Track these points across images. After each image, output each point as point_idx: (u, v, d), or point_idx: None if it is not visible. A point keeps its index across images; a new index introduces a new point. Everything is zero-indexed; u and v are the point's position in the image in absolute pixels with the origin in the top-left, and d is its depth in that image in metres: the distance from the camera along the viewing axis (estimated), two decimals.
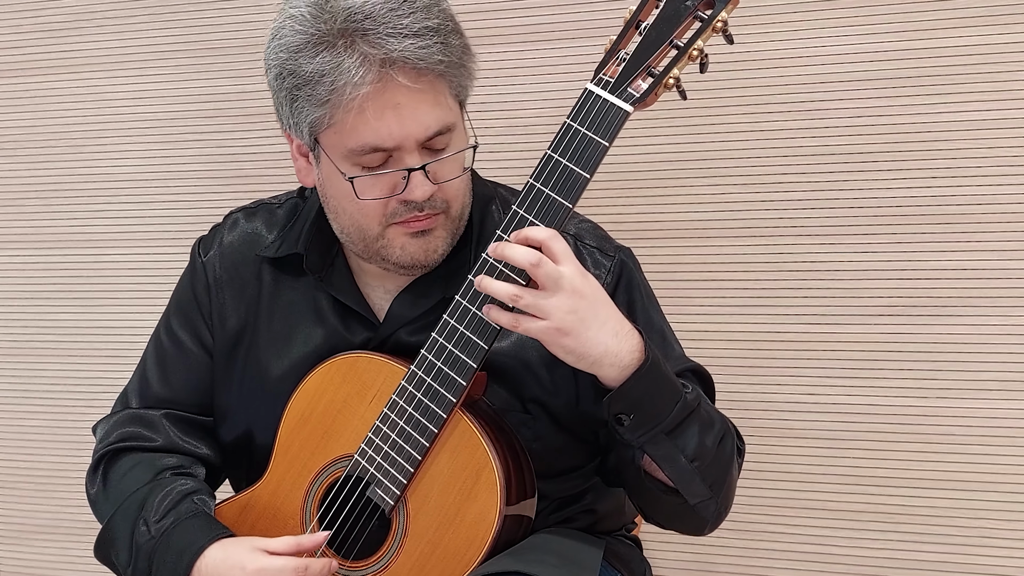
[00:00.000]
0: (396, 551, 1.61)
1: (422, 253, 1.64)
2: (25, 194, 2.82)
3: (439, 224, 1.64)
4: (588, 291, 1.49)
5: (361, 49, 1.53)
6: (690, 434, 1.57)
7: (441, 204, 1.62)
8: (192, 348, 1.82)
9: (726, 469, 1.64)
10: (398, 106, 1.55)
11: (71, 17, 2.73)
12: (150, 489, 1.71)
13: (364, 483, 1.61)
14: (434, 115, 1.57)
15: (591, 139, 1.50)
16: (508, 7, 2.43)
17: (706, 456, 1.58)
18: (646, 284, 1.79)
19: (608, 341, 1.50)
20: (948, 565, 2.29)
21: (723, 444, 1.62)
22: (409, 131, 1.56)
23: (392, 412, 1.59)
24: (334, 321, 1.75)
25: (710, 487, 1.61)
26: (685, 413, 1.55)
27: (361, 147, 1.57)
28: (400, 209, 1.61)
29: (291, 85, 1.58)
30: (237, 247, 1.83)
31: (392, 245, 1.64)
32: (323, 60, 1.54)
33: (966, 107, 2.18)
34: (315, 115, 1.58)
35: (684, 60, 1.50)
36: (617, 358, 1.51)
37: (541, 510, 1.71)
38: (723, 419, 1.66)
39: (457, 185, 1.63)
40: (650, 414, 1.54)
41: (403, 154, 1.58)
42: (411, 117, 1.56)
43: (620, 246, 1.78)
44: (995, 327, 2.21)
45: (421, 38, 1.53)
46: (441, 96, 1.58)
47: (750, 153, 2.30)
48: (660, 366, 1.54)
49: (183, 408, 1.82)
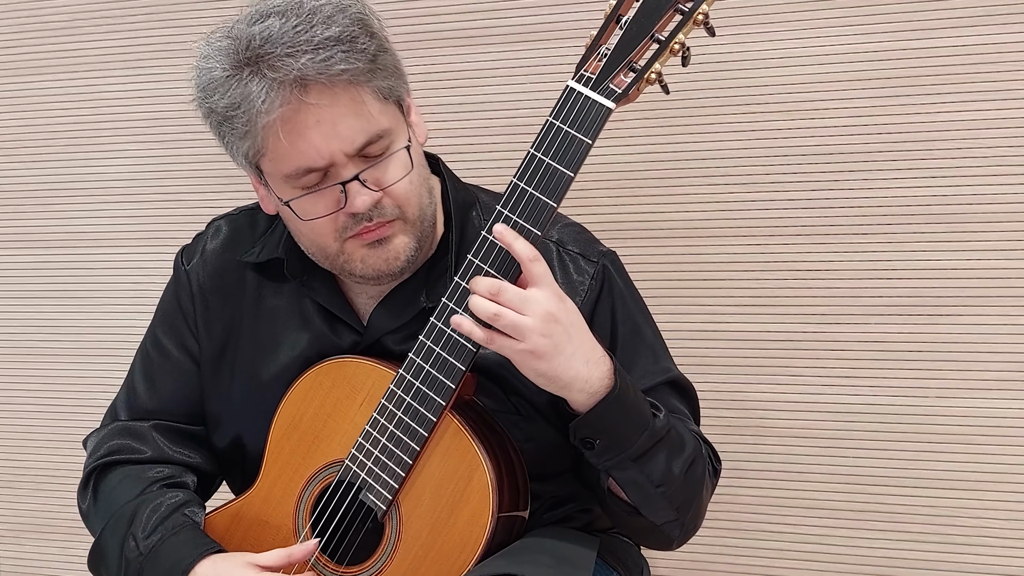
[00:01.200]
0: (390, 555, 1.61)
1: (383, 263, 1.63)
2: (20, 193, 2.82)
3: (397, 231, 1.62)
4: (563, 316, 1.49)
5: (265, 75, 1.52)
6: (657, 460, 1.57)
7: (393, 210, 1.61)
8: (179, 357, 1.82)
9: (694, 493, 1.65)
10: (319, 123, 1.54)
11: (65, 16, 2.73)
12: (138, 503, 1.71)
13: (356, 488, 1.61)
14: (357, 126, 1.56)
15: (574, 137, 1.49)
16: (503, 7, 2.42)
17: (672, 482, 1.59)
18: (632, 289, 1.78)
19: (579, 367, 1.50)
20: (949, 565, 2.28)
21: (692, 468, 1.62)
22: (334, 147, 1.55)
23: (382, 416, 1.58)
24: (320, 324, 1.75)
25: (676, 509, 1.63)
26: (653, 441, 1.56)
27: (294, 171, 1.57)
28: (349, 223, 1.60)
29: (215, 123, 1.60)
30: (220, 254, 1.82)
31: (353, 259, 1.63)
32: (233, 93, 1.54)
33: (963, 107, 2.16)
34: (243, 147, 1.59)
35: (666, 54, 1.48)
36: (587, 384, 1.52)
37: (535, 510, 1.71)
38: (696, 442, 1.66)
39: (404, 188, 1.61)
40: (617, 440, 1.55)
41: (338, 169, 1.57)
42: (333, 133, 1.55)
43: (604, 251, 1.77)
44: (995, 327, 2.20)
45: (320, 51, 1.51)
46: (362, 105, 1.56)
47: (746, 153, 2.30)
48: (629, 394, 1.55)
49: (172, 418, 1.82)
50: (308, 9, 1.53)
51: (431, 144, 1.82)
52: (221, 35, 1.58)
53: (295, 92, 1.52)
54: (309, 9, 1.53)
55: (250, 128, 1.55)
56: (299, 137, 1.54)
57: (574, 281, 1.71)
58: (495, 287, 1.47)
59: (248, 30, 1.53)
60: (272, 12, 1.54)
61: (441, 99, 2.47)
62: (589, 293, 1.71)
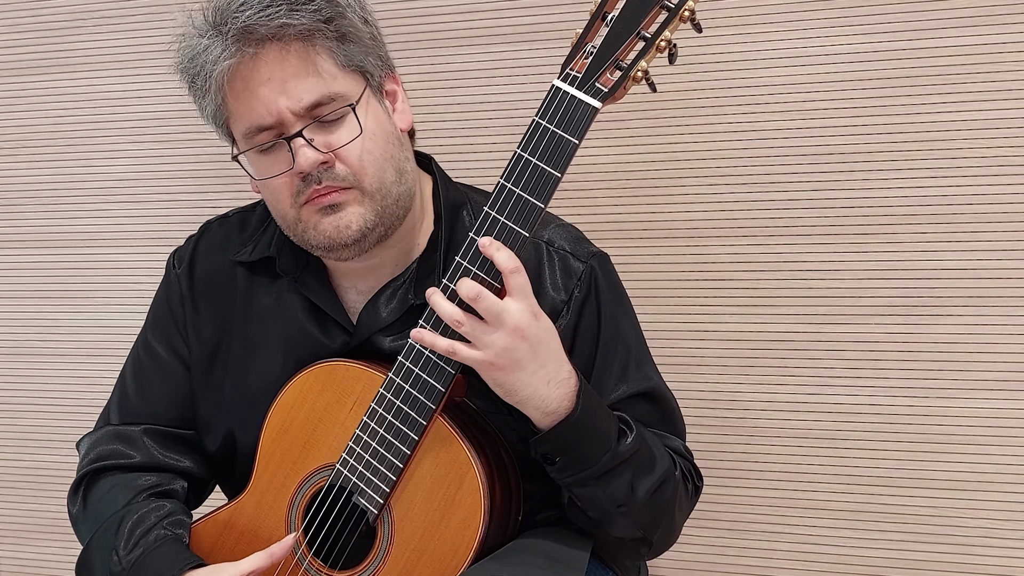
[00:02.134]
0: (382, 559, 1.61)
1: (333, 230, 1.62)
2: (20, 193, 2.82)
3: (351, 199, 1.62)
4: (532, 333, 1.49)
5: (219, 31, 1.58)
6: (620, 481, 1.58)
7: (347, 176, 1.61)
8: (169, 361, 1.82)
9: (661, 514, 1.65)
10: (269, 81, 1.57)
11: (65, 16, 2.73)
12: (124, 515, 1.71)
13: (348, 492, 1.61)
14: (305, 85, 1.58)
15: (561, 137, 1.48)
16: (502, 7, 2.42)
17: (634, 503, 1.60)
18: (620, 292, 1.78)
19: (538, 385, 1.51)
20: (949, 565, 2.27)
21: (660, 491, 1.62)
22: (281, 104, 1.58)
23: (372, 420, 1.58)
24: (310, 325, 1.75)
25: (641, 528, 1.64)
26: (616, 462, 1.57)
27: (248, 129, 1.61)
28: (302, 186, 1.61)
29: (188, 86, 1.66)
30: (210, 256, 1.83)
31: (308, 227, 1.63)
32: (193, 49, 1.61)
33: (963, 107, 2.16)
34: (209, 108, 1.65)
35: (652, 52, 1.46)
36: (543, 403, 1.53)
37: (528, 510, 1.71)
38: (671, 463, 1.66)
39: (356, 153, 1.61)
40: (577, 459, 1.56)
41: (287, 128, 1.60)
42: (281, 90, 1.57)
43: (594, 252, 1.76)
44: (995, 327, 2.19)
45: (268, 7, 1.56)
46: (313, 66, 1.58)
47: (746, 153, 2.29)
48: (591, 417, 1.55)
49: (163, 422, 1.82)
50: None
51: (428, 143, 1.82)
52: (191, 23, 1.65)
53: (247, 46, 1.57)
54: None
55: (209, 84, 1.60)
56: (251, 94, 1.58)
57: (559, 282, 1.71)
58: (474, 292, 1.47)
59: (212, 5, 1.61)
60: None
61: (440, 99, 2.47)
62: (576, 293, 1.70)
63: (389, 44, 1.74)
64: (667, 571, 2.46)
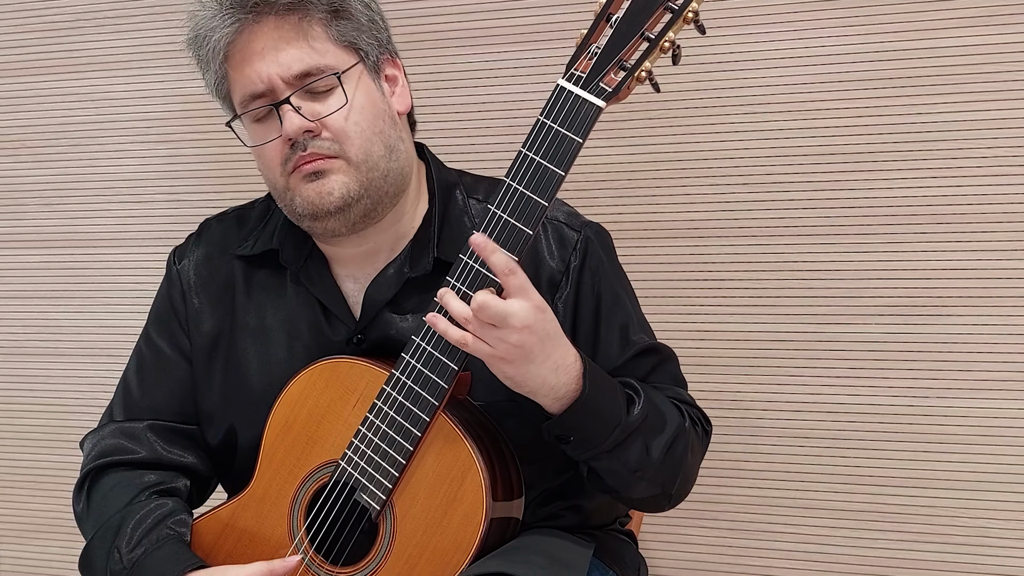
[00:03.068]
0: (384, 555, 1.60)
1: (316, 196, 1.64)
2: (23, 193, 2.83)
3: (335, 167, 1.64)
4: (539, 327, 1.50)
5: (221, 3, 1.64)
6: (633, 449, 1.60)
7: (331, 146, 1.64)
8: (172, 356, 1.83)
9: (677, 468, 1.66)
10: (263, 50, 1.63)
11: (70, 17, 2.74)
12: (126, 514, 1.71)
13: (350, 488, 1.61)
14: (297, 55, 1.63)
15: (565, 136, 1.49)
16: (507, 7, 2.42)
17: (650, 465, 1.62)
18: (615, 261, 1.80)
19: (547, 375, 1.53)
20: (949, 565, 2.28)
21: (673, 447, 1.64)
22: (270, 70, 1.63)
23: (375, 417, 1.58)
24: (312, 317, 1.76)
25: (660, 485, 1.66)
26: (626, 433, 1.58)
27: (242, 98, 1.67)
28: (290, 154, 1.65)
29: (193, 55, 1.71)
30: (211, 251, 1.84)
31: (295, 195, 1.67)
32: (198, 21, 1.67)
33: (965, 107, 2.17)
34: (212, 78, 1.70)
35: (656, 52, 1.47)
36: (553, 390, 1.54)
37: (528, 503, 1.71)
38: (680, 416, 1.68)
39: (340, 123, 1.64)
40: (589, 439, 1.58)
41: (277, 96, 1.64)
42: (273, 59, 1.63)
43: (588, 222, 1.78)
44: (995, 327, 2.20)
45: None
46: (304, 37, 1.64)
47: (748, 153, 2.30)
48: (599, 396, 1.57)
49: (166, 418, 1.82)
50: None
51: (431, 142, 1.83)
52: None
53: (241, 13, 1.63)
54: None
55: (210, 53, 1.67)
56: (246, 63, 1.64)
57: (555, 251, 1.73)
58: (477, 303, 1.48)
59: None
60: None
61: (445, 99, 2.47)
62: (573, 262, 1.73)
63: None
64: (667, 571, 2.46)
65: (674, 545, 2.45)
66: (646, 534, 2.41)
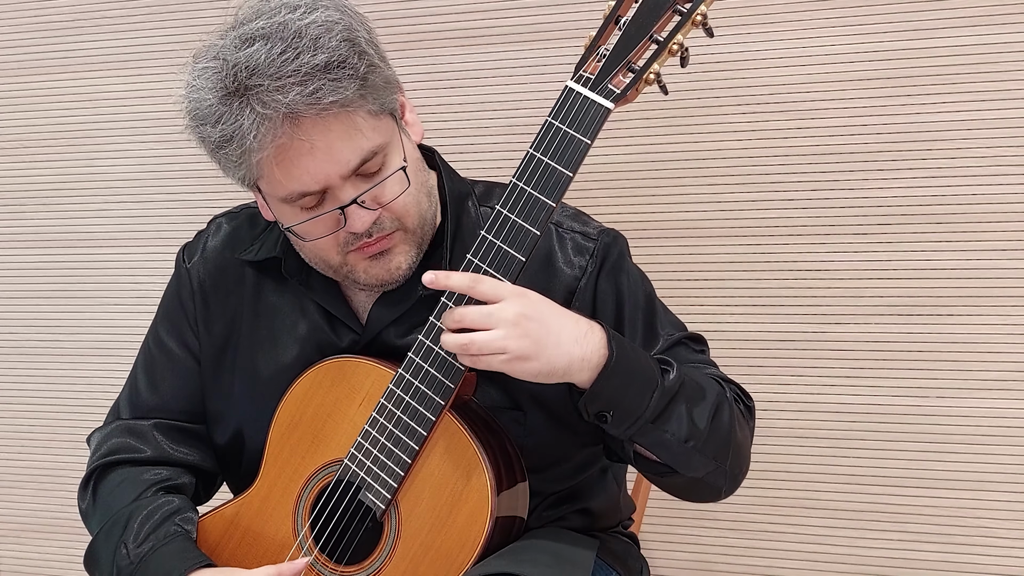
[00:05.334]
0: (389, 554, 1.60)
1: (385, 273, 1.63)
2: (22, 193, 2.83)
3: (397, 241, 1.63)
4: (532, 310, 1.49)
5: (255, 110, 1.49)
6: (677, 417, 1.55)
7: (392, 223, 1.61)
8: (180, 355, 1.82)
9: (727, 438, 1.62)
10: (313, 150, 1.52)
11: (68, 16, 2.74)
12: (133, 509, 1.70)
13: (355, 487, 1.61)
14: (350, 148, 1.54)
15: (573, 137, 1.49)
16: (503, 7, 2.43)
17: (699, 434, 1.57)
18: (633, 265, 1.78)
19: (571, 350, 1.50)
20: (950, 565, 2.28)
21: (718, 415, 1.60)
22: (329, 171, 1.54)
23: (381, 416, 1.58)
24: (319, 322, 1.75)
25: (713, 459, 1.60)
26: (666, 399, 1.54)
27: (290, 195, 1.57)
28: (351, 239, 1.60)
29: (209, 149, 1.58)
30: (220, 252, 1.83)
31: (356, 270, 1.64)
32: (224, 126, 1.52)
33: (962, 107, 2.17)
34: (239, 174, 1.59)
35: (664, 55, 1.48)
36: (586, 362, 1.51)
37: (535, 507, 1.71)
38: (719, 387, 1.64)
39: (403, 201, 1.60)
40: (629, 408, 1.53)
41: (335, 191, 1.56)
42: (327, 158, 1.53)
43: (604, 228, 1.76)
44: (995, 327, 2.20)
45: (309, 82, 1.48)
46: (353, 128, 1.54)
47: (746, 154, 2.30)
48: (629, 359, 1.53)
49: (173, 416, 1.82)
50: (293, 32, 1.49)
51: (429, 141, 1.82)
52: (208, 57, 1.54)
53: (286, 127, 1.50)
54: (294, 31, 1.49)
55: (243, 160, 1.54)
56: (293, 166, 1.53)
57: (572, 259, 1.71)
58: (457, 317, 1.48)
59: (235, 56, 1.50)
60: (257, 36, 1.50)
61: (441, 99, 2.47)
62: (590, 268, 1.71)
63: (389, 44, 1.72)
64: (667, 571, 2.46)
65: (674, 545, 2.45)
66: (646, 534, 2.41)
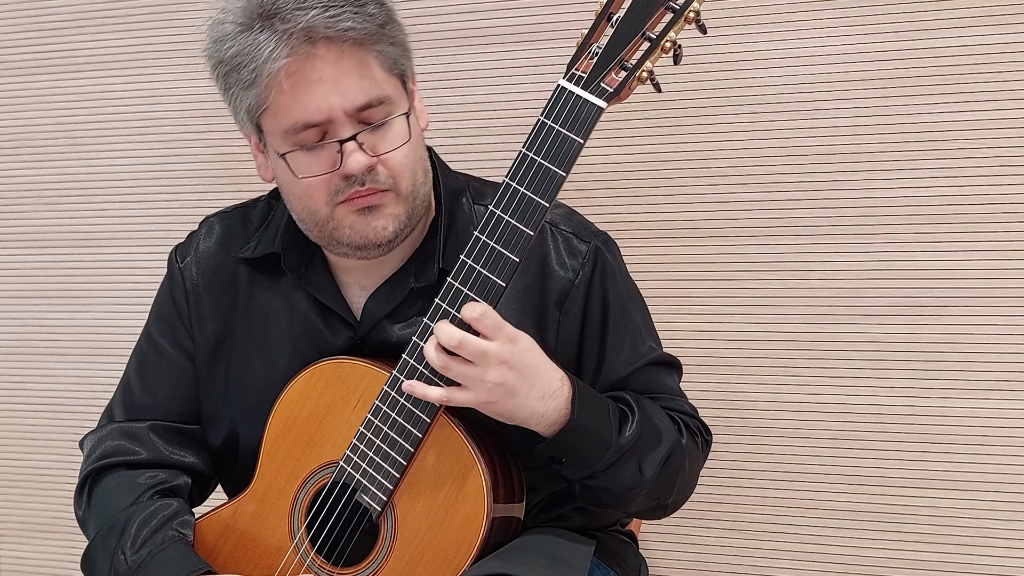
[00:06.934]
0: (385, 556, 1.61)
1: (371, 231, 1.62)
2: (21, 193, 2.83)
3: (388, 201, 1.62)
4: (516, 360, 1.52)
5: (275, 26, 1.54)
6: (626, 468, 1.61)
7: (386, 179, 1.61)
8: (173, 355, 1.82)
9: (672, 481, 1.67)
10: (321, 80, 1.56)
11: (68, 16, 2.74)
12: (130, 514, 1.70)
13: (351, 489, 1.61)
14: (359, 86, 1.57)
15: (566, 136, 1.49)
16: (503, 7, 2.42)
17: (645, 483, 1.63)
18: (623, 271, 1.79)
19: (534, 405, 1.55)
20: (949, 565, 2.28)
21: (668, 463, 1.65)
22: (334, 103, 1.56)
23: (376, 418, 1.58)
24: (314, 320, 1.75)
25: (656, 499, 1.67)
26: (618, 455, 1.60)
27: (293, 125, 1.59)
28: (342, 186, 1.60)
29: (222, 73, 1.61)
30: (214, 251, 1.82)
31: (342, 225, 1.63)
32: (242, 42, 1.57)
33: (965, 107, 2.17)
34: (248, 100, 1.61)
35: (657, 52, 1.48)
36: (543, 418, 1.56)
37: (532, 507, 1.72)
38: (675, 431, 1.68)
39: (399, 158, 1.61)
40: (582, 460, 1.60)
41: (336, 128, 1.58)
42: (335, 90, 1.56)
43: (597, 232, 1.77)
44: (995, 327, 2.20)
45: (331, 7, 1.54)
46: (366, 68, 1.58)
47: (748, 153, 2.30)
48: (588, 420, 1.58)
49: (168, 417, 1.81)
50: None
51: (428, 141, 1.82)
52: None
53: (302, 44, 1.54)
54: None
55: (256, 76, 1.57)
56: (302, 90, 1.56)
57: (565, 261, 1.72)
58: (455, 339, 1.49)
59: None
60: None
61: (441, 99, 2.47)
62: (583, 272, 1.72)
63: None
64: (667, 571, 2.46)
65: (674, 545, 2.45)
66: (646, 534, 2.41)
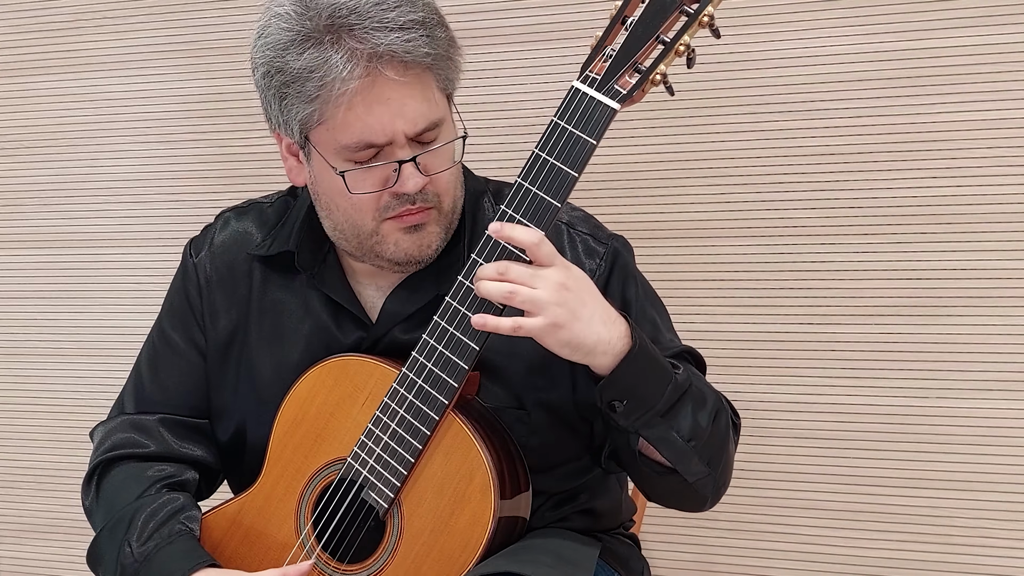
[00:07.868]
0: (391, 554, 1.60)
1: (416, 249, 1.64)
2: (23, 193, 2.83)
3: (432, 219, 1.64)
4: (573, 283, 1.51)
5: (348, 44, 1.53)
6: (684, 414, 1.58)
7: (433, 198, 1.62)
8: (185, 349, 1.82)
9: (722, 445, 1.65)
10: (388, 101, 1.55)
11: (70, 17, 2.74)
12: (137, 507, 1.70)
13: (358, 486, 1.61)
14: (423, 110, 1.58)
15: (579, 137, 1.49)
16: (508, 7, 2.43)
17: (701, 435, 1.60)
18: (640, 273, 1.79)
19: (599, 330, 1.51)
20: (948, 565, 2.28)
21: (718, 421, 1.63)
22: (399, 126, 1.57)
23: (384, 415, 1.58)
24: (326, 320, 1.75)
25: (707, 464, 1.63)
26: (677, 394, 1.57)
27: (354, 143, 1.58)
28: (392, 203, 1.61)
29: (279, 83, 1.59)
30: (228, 247, 1.82)
31: (386, 241, 1.64)
32: (311, 56, 1.54)
33: (966, 107, 2.18)
34: (305, 112, 1.58)
35: (671, 56, 1.48)
36: (609, 346, 1.52)
37: (538, 508, 1.71)
38: (716, 395, 1.67)
39: (447, 178, 1.63)
40: (642, 398, 1.55)
41: (394, 148, 1.58)
42: (400, 112, 1.56)
43: (613, 234, 1.78)
44: (995, 327, 2.21)
45: (407, 31, 1.53)
46: (429, 91, 1.59)
47: (750, 153, 2.30)
48: (648, 351, 1.56)
49: (178, 411, 1.81)
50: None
51: None
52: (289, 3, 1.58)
53: (377, 66, 1.53)
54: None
55: (320, 93, 1.55)
56: (368, 111, 1.56)
57: (584, 262, 1.72)
58: (502, 266, 1.49)
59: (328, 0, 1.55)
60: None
61: None
62: (599, 274, 1.72)
63: None
64: (667, 571, 2.47)
65: (674, 545, 2.46)
66: (646, 534, 2.41)
